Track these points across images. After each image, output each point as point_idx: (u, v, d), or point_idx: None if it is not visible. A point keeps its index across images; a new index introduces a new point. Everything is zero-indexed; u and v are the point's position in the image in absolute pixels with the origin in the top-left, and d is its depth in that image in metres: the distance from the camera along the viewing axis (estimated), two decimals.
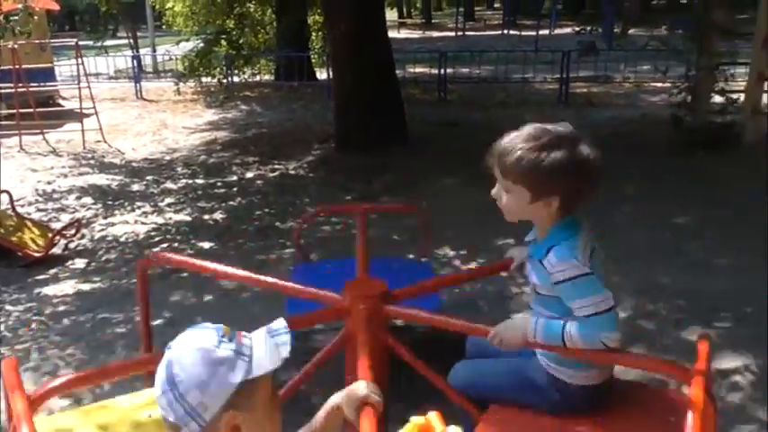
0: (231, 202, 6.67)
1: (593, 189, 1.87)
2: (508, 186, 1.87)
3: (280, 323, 1.33)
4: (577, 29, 12.22)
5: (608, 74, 13.03)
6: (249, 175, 7.73)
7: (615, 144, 8.04)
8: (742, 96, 7.88)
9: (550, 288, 1.90)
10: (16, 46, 9.26)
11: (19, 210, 5.94)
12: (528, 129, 1.87)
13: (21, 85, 9.46)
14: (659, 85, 11.41)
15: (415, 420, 1.36)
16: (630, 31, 12.21)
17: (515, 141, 1.84)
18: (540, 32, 20.61)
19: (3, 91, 10.26)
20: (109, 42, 20.77)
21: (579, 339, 1.80)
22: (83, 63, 10.11)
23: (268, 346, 1.27)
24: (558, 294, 1.88)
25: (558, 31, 22.82)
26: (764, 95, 8.13)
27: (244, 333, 1.30)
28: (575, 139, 1.83)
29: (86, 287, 4.73)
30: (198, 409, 1.20)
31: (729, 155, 7.21)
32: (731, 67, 8.25)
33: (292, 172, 7.78)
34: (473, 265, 4.57)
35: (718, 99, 7.69)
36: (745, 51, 8.82)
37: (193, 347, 1.23)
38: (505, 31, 24.93)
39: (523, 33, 22.95)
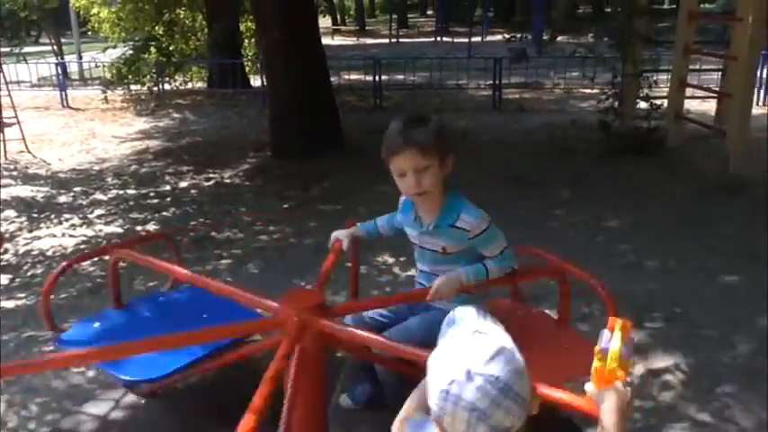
0: (165, 213, 6.49)
1: None
2: (424, 164, 2.26)
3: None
4: (508, 36, 12.48)
5: (538, 80, 13.35)
6: (183, 184, 7.55)
7: (548, 149, 8.27)
8: (665, 102, 8.19)
9: (464, 244, 2.38)
10: None
11: None
12: (398, 118, 2.36)
13: None
14: (588, 91, 11.77)
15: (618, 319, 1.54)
16: (559, 39, 12.51)
17: (412, 125, 2.29)
18: (473, 39, 20.95)
19: None
20: (31, 49, 19.98)
21: (498, 271, 2.39)
22: (2, 70, 9.68)
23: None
24: (472, 247, 2.38)
25: (489, 38, 23.25)
26: (685, 101, 8.51)
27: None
28: None
29: (10, 304, 4.51)
30: (525, 395, 1.29)
31: (655, 159, 7.49)
32: (654, 73, 8.58)
33: (228, 180, 7.64)
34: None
35: (643, 105, 7.97)
36: (667, 58, 9.20)
37: (489, 355, 1.29)
38: (439, 38, 25.25)
39: (456, 40, 23.29)
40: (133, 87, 13.63)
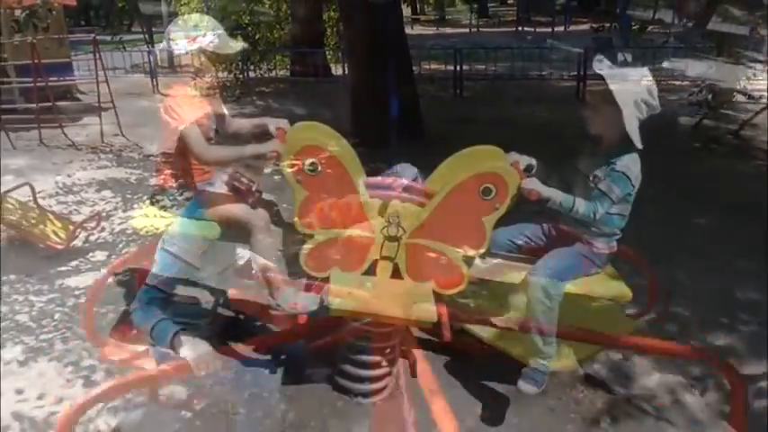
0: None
1: None
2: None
3: None
4: (595, 26, 12.17)
5: None
6: (266, 171, 7.72)
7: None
8: (765, 95, 7.81)
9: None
10: (35, 41, 9.32)
11: (40, 202, 5.97)
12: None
13: (39, 79, 9.51)
14: (677, 83, 11.33)
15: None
16: (648, 29, 12.12)
17: None
18: (555, 29, 20.50)
19: (22, 85, 10.33)
20: (125, 37, 20.86)
21: (582, 208, 2.69)
22: (100, 57, 10.14)
23: None
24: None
25: (572, 27, 22.69)
26: None
27: None
28: None
29: (109, 279, 4.75)
30: None
31: (752, 155, 7.15)
32: (754, 64, 8.18)
33: None
34: None
35: (739, 98, 7.63)
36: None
37: None
38: (520, 28, 24.83)
39: (538, 30, 22.84)
40: (220, 75, 13.99)
